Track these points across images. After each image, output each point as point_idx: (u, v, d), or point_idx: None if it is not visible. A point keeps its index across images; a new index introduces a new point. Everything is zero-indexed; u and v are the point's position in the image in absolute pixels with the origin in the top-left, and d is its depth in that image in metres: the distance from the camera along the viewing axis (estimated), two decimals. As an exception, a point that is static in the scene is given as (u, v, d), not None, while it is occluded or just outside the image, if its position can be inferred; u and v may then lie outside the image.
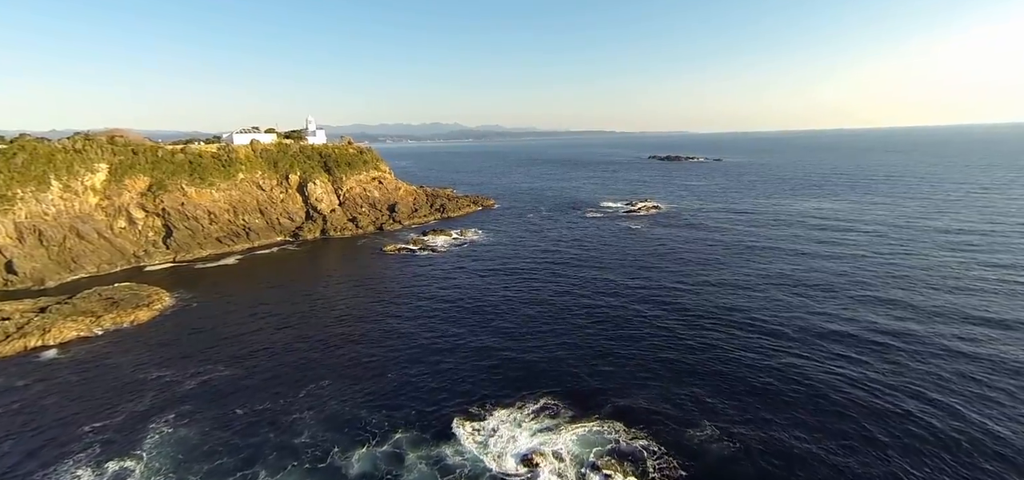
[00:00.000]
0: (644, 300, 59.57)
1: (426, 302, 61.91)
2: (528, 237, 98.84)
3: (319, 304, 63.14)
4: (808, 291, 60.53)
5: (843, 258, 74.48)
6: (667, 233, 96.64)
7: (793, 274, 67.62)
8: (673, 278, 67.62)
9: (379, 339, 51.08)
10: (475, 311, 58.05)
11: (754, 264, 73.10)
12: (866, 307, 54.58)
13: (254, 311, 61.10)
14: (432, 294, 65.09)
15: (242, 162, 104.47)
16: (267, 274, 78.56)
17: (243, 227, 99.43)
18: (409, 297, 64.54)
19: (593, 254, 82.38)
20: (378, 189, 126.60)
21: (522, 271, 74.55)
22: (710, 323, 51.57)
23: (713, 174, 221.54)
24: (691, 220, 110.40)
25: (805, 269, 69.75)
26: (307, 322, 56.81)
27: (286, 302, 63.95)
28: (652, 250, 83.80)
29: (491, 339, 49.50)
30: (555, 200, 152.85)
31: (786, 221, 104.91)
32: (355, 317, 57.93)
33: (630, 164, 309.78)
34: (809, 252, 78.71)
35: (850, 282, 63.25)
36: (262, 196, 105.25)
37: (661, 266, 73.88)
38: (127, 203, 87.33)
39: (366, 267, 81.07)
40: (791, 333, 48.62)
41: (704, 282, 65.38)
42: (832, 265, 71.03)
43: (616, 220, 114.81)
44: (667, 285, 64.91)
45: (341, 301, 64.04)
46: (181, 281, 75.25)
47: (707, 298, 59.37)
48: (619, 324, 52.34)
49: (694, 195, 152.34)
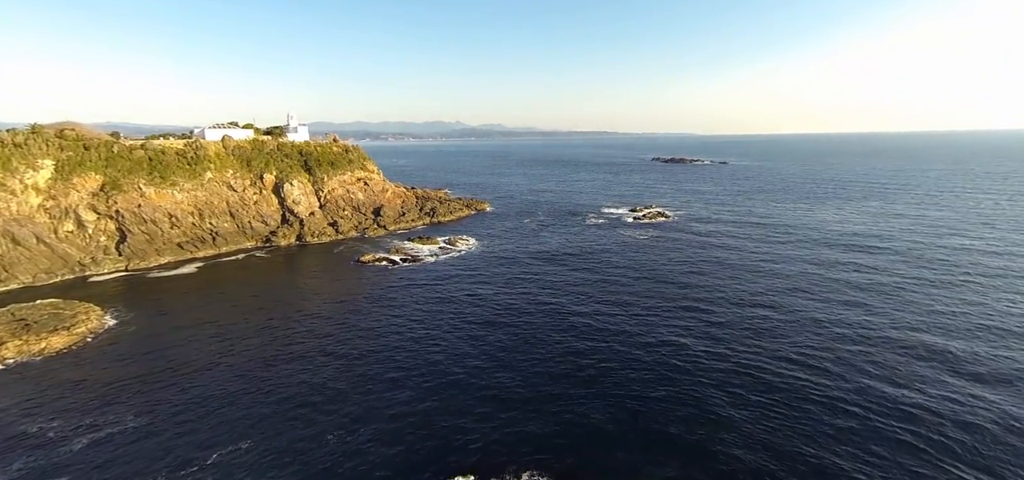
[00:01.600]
0: (657, 346, 50.31)
1: (392, 335, 52.60)
2: (522, 248, 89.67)
3: (270, 328, 54.03)
4: (865, 336, 51.27)
5: (883, 296, 65.19)
6: (678, 248, 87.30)
7: (839, 313, 58.36)
8: (692, 312, 58.15)
9: (325, 384, 41.88)
10: (449, 353, 48.67)
11: (794, 296, 63.62)
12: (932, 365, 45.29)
13: (194, 335, 52.07)
14: (401, 323, 55.82)
15: (211, 160, 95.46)
16: (225, 287, 69.54)
17: (210, 231, 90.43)
18: (373, 326, 55.30)
19: (594, 273, 73.10)
20: (363, 191, 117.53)
21: (510, 294, 65.37)
22: (754, 386, 41.77)
23: (721, 178, 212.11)
24: (703, 230, 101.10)
25: (845, 297, 60.53)
26: (249, 352, 47.72)
27: (234, 324, 54.88)
28: (662, 270, 74.51)
29: (463, 400, 40.08)
30: (554, 204, 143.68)
31: (811, 235, 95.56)
32: (306, 350, 48.72)
33: (633, 166, 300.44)
34: (843, 278, 69.43)
35: (896, 323, 54.00)
36: (233, 197, 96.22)
37: (674, 293, 64.51)
38: (75, 204, 78.35)
39: (337, 281, 71.97)
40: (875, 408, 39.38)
41: (733, 320, 55.88)
42: (875, 303, 61.71)
43: (619, 229, 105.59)
44: (684, 322, 55.55)
45: (297, 324, 54.88)
46: (126, 293, 66.39)
47: (741, 344, 49.96)
48: (627, 382, 42.63)
49: (703, 201, 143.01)
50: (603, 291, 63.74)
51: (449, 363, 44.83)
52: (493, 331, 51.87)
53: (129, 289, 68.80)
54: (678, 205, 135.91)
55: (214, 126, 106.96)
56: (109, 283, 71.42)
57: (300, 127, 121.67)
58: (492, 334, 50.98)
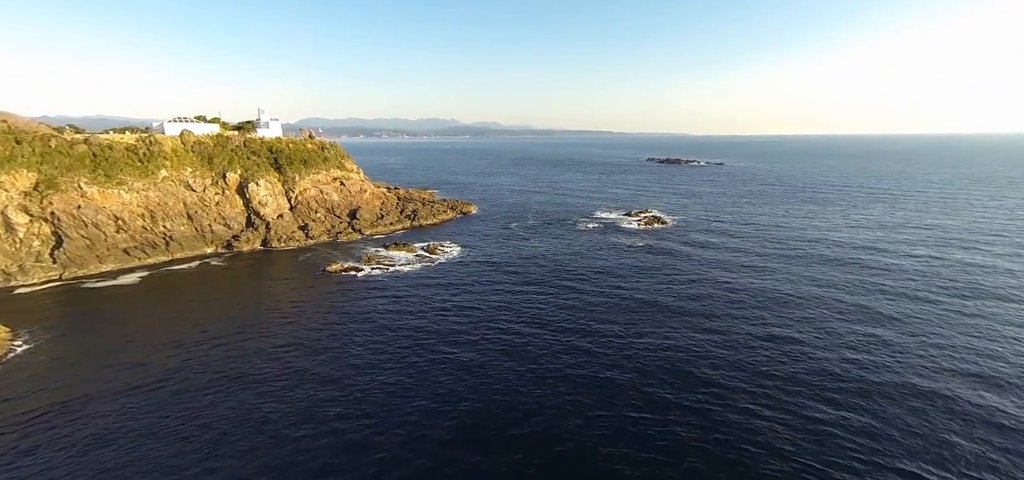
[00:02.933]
0: (656, 386, 42.98)
1: (345, 368, 45.01)
2: (505, 257, 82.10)
3: (204, 350, 46.17)
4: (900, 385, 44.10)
5: (915, 323, 58.15)
6: (675, 262, 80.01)
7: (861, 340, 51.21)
8: (696, 342, 50.96)
9: (258, 427, 34.25)
10: (383, 396, 41.24)
11: (809, 329, 56.53)
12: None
13: (109, 362, 44.22)
14: (357, 351, 48.19)
15: (168, 157, 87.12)
16: (166, 300, 61.50)
17: (163, 235, 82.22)
18: (327, 350, 47.63)
19: (581, 294, 65.67)
20: (339, 191, 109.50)
21: (480, 317, 57.81)
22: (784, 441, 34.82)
23: (718, 180, 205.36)
24: (702, 241, 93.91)
25: (867, 320, 53.45)
26: (168, 383, 39.90)
27: (161, 347, 46.97)
28: (657, 291, 67.23)
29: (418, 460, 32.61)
30: (545, 207, 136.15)
31: (819, 249, 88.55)
32: (240, 374, 41.04)
33: (628, 166, 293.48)
34: (863, 302, 62.37)
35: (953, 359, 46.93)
36: (191, 198, 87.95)
37: (671, 326, 57.28)
38: (3, 205, 69.94)
39: (293, 294, 64.08)
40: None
41: (739, 362, 48.72)
42: (908, 340, 54.63)
43: (613, 235, 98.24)
44: (687, 352, 48.31)
45: (235, 347, 47.02)
46: (51, 308, 58.30)
47: (754, 404, 42.76)
48: (622, 438, 35.58)
49: (701, 205, 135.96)
50: (588, 318, 56.18)
51: (376, 417, 37.23)
52: (445, 369, 44.26)
53: (57, 302, 60.64)
54: (675, 209, 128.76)
55: (175, 119, 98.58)
56: (37, 295, 63.25)
57: (272, 122, 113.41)
58: (445, 372, 43.35)
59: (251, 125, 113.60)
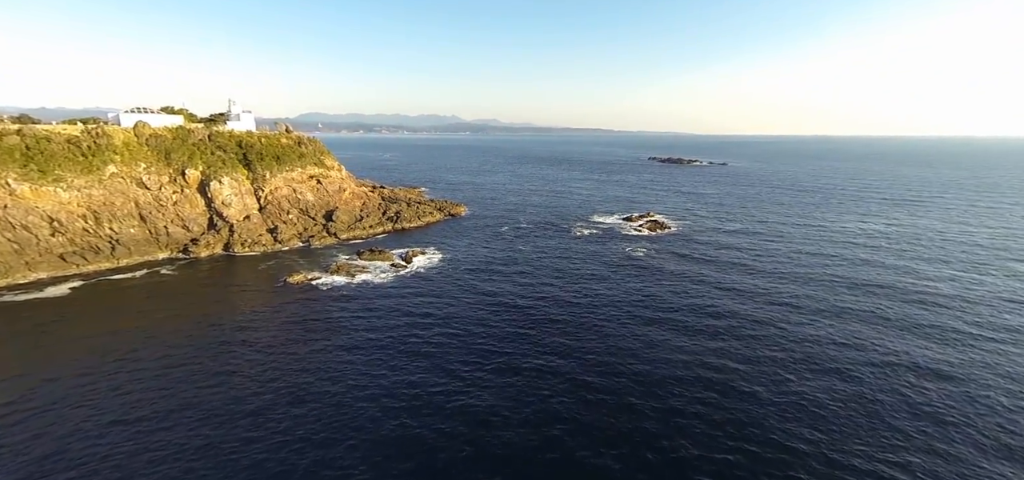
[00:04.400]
0: (664, 431, 34.47)
1: (266, 408, 36.45)
2: (490, 268, 73.49)
3: (113, 380, 37.51)
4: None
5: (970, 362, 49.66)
6: (681, 275, 71.40)
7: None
8: (702, 409, 42.48)
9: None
10: (327, 442, 32.70)
11: (843, 380, 48.03)
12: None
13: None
14: (286, 384, 39.60)
15: (118, 151, 78.35)
16: (92, 315, 52.81)
17: (109, 239, 73.49)
18: (252, 383, 39.03)
19: (570, 316, 57.10)
20: (314, 190, 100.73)
21: (450, 345, 49.24)
22: None
23: (722, 181, 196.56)
24: (710, 250, 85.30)
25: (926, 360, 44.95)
26: (44, 439, 31.29)
27: (60, 376, 38.30)
28: (660, 315, 58.66)
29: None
30: (540, 209, 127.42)
31: (843, 267, 79.98)
32: (133, 417, 32.44)
33: (629, 165, 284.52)
34: (910, 348, 53.86)
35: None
36: (145, 197, 79.20)
37: (677, 366, 48.78)
38: (-82, 204, 61.32)
39: (244, 309, 55.38)
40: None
41: (757, 420, 40.24)
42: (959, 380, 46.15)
43: (611, 242, 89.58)
44: (704, 421, 39.80)
45: (149, 377, 38.38)
46: (-50, 329, 49.58)
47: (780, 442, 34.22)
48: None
49: (706, 207, 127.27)
50: (577, 347, 47.66)
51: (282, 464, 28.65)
52: (396, 422, 35.68)
53: None
54: (679, 213, 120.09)
55: (133, 110, 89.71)
56: (-56, 309, 54.56)
57: (244, 114, 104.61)
58: (384, 416, 34.77)
59: (221, 118, 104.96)
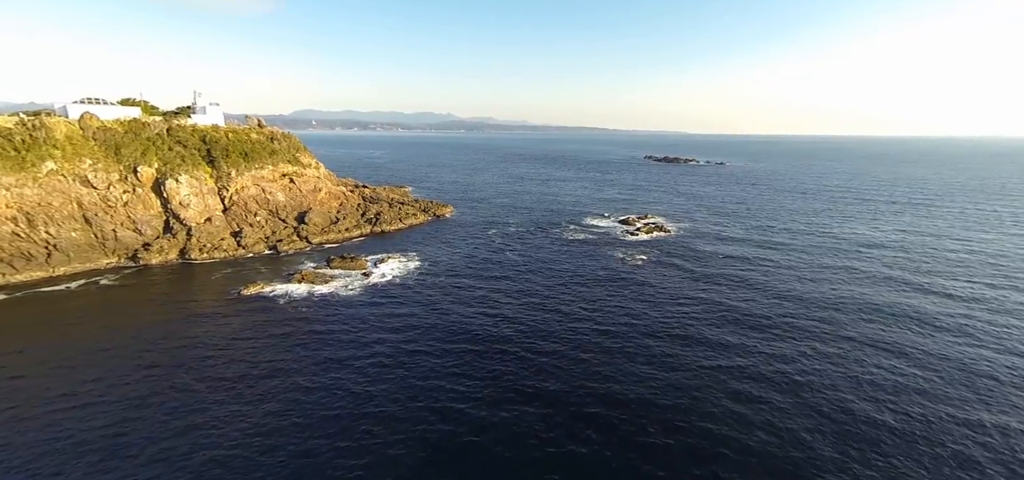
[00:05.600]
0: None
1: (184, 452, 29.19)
2: (472, 276, 66.33)
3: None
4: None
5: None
6: (684, 289, 64.56)
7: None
8: (722, 435, 35.56)
9: None
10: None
11: (873, 407, 41.30)
12: None
13: None
14: (208, 418, 32.32)
15: (58, 145, 70.48)
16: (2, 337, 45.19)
17: (45, 244, 65.69)
18: (168, 416, 31.72)
19: (566, 330, 50.11)
20: (286, 190, 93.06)
21: (414, 373, 42.08)
22: None
23: (721, 181, 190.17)
24: (713, 258, 78.52)
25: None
26: None
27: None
28: (669, 324, 51.77)
29: None
30: (532, 210, 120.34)
31: (858, 284, 73.42)
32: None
33: (625, 164, 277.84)
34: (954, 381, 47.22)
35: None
36: (90, 197, 71.37)
37: (695, 367, 41.88)
38: None
39: (183, 327, 47.87)
40: None
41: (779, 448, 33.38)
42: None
43: (606, 248, 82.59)
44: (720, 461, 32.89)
45: (42, 414, 30.97)
46: None
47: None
48: None
49: (706, 209, 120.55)
50: (565, 376, 40.63)
51: None
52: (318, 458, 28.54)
53: None
54: (678, 215, 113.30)
55: (81, 100, 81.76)
56: None
57: (211, 107, 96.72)
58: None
59: (187, 111, 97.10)
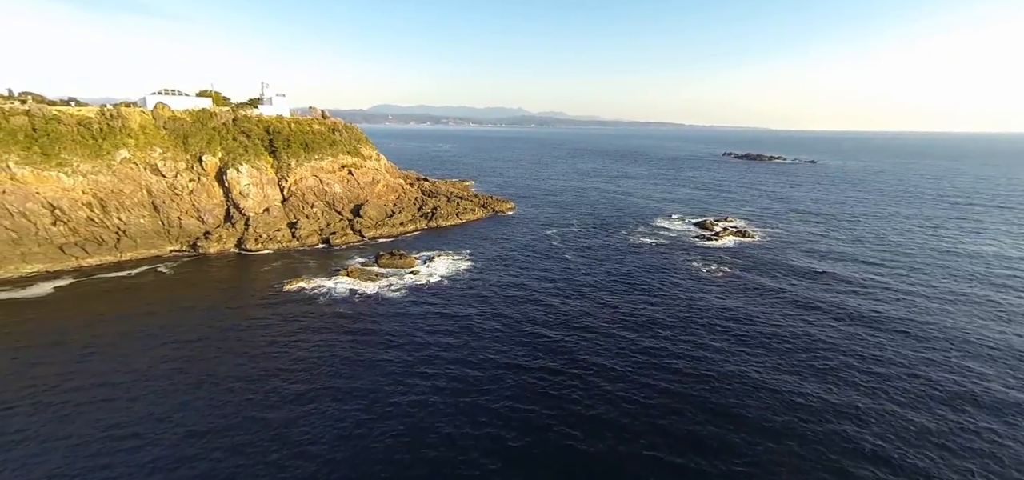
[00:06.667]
0: None
1: None
2: (528, 281, 60.17)
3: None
4: None
5: None
6: (773, 307, 54.45)
7: None
8: None
9: None
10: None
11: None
12: None
13: None
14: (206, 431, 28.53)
15: (133, 134, 72.80)
16: (54, 323, 45.35)
17: (115, 230, 67.82)
18: (178, 431, 28.37)
19: (629, 351, 42.63)
20: (344, 182, 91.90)
21: (463, 389, 36.41)
22: None
23: (814, 181, 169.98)
24: (811, 267, 66.90)
25: None
26: None
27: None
28: (762, 355, 42.79)
29: None
30: (597, 208, 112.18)
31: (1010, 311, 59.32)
32: None
33: (700, 161, 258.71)
34: None
35: None
36: (159, 185, 73.22)
37: (801, 413, 33.23)
38: (-84, 187, 57.52)
39: (218, 324, 45.83)
40: None
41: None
42: None
43: (680, 254, 73.22)
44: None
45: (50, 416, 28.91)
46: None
47: None
48: None
49: (798, 213, 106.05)
50: (629, 408, 33.28)
51: None
52: None
53: None
54: (764, 218, 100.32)
55: (159, 92, 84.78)
56: (-80, 305, 49.54)
57: (277, 98, 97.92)
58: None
59: (255, 102, 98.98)
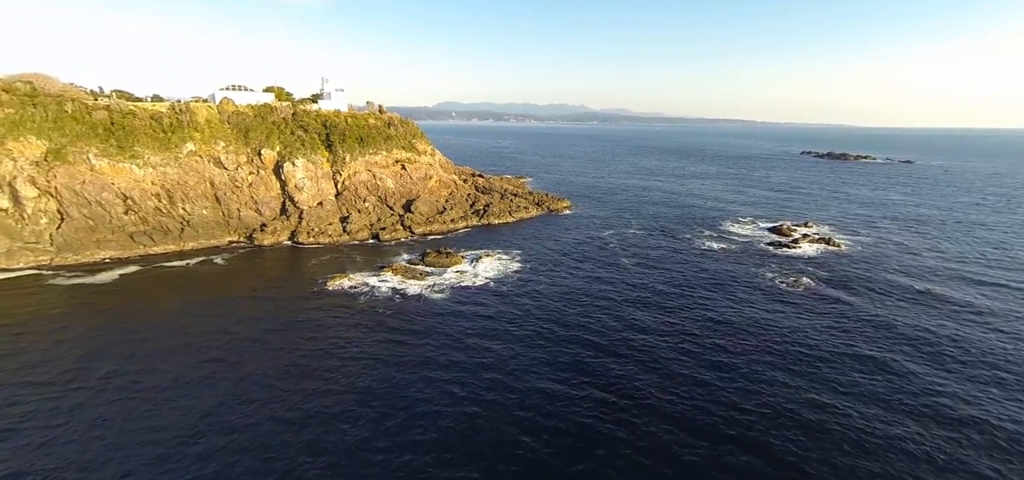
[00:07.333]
0: None
1: None
2: (579, 287, 55.71)
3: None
4: None
5: None
6: (863, 339, 46.65)
7: None
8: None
9: None
10: None
11: None
12: None
13: None
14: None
15: (199, 129, 75.56)
16: (106, 312, 46.75)
17: (180, 220, 70.55)
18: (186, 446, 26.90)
19: (694, 379, 37.29)
20: (397, 177, 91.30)
21: (501, 410, 32.80)
22: None
23: (911, 184, 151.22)
24: (912, 293, 57.55)
25: None
26: None
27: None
28: (857, 414, 36.20)
29: None
30: (659, 208, 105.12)
31: None
32: None
33: (775, 160, 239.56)
34: None
35: None
36: (221, 178, 75.57)
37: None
38: (10, 175, 62.09)
39: (250, 323, 45.26)
40: None
41: None
42: None
43: (752, 263, 65.71)
44: None
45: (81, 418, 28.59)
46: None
47: None
48: None
49: (896, 221, 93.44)
50: (695, 446, 28.20)
51: None
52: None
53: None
54: (853, 224, 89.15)
55: (227, 87, 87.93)
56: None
57: (335, 93, 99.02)
58: None
59: (316, 97, 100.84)
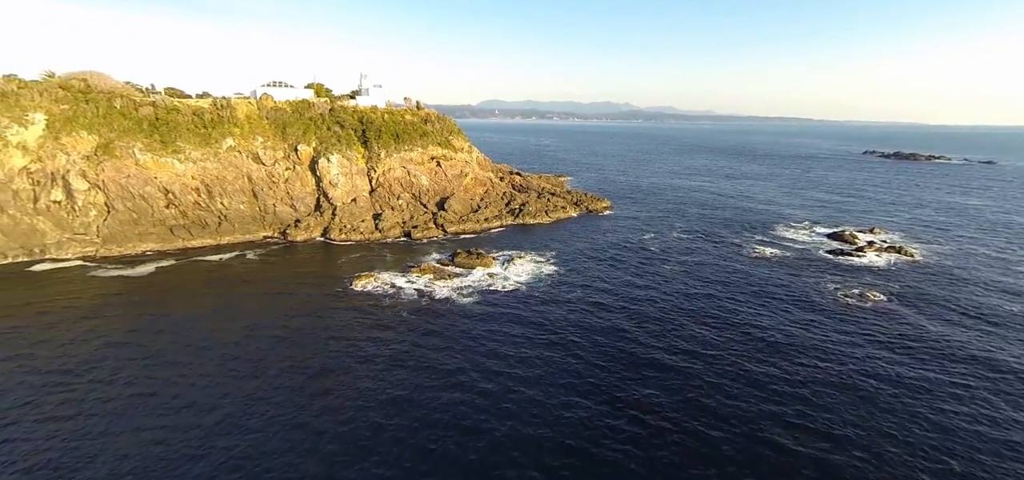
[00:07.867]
0: None
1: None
2: (614, 294, 51.85)
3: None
4: None
5: None
6: (948, 371, 40.67)
7: None
8: None
9: None
10: None
11: None
12: None
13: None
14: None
15: (238, 124, 76.64)
16: (130, 303, 47.17)
17: (218, 215, 71.60)
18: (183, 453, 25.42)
19: (743, 407, 33.03)
20: (432, 174, 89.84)
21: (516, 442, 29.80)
22: None
23: (995, 188, 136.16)
24: (1005, 312, 50.25)
25: None
26: None
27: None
28: (937, 419, 30.98)
29: None
30: (705, 211, 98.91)
31: None
32: None
33: (835, 160, 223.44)
34: None
35: None
36: (259, 172, 76.33)
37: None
38: (63, 168, 64.67)
39: (268, 326, 44.26)
40: None
41: None
42: None
43: (811, 274, 59.52)
44: None
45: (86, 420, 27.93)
46: (27, 300, 48.16)
47: None
48: None
49: (980, 229, 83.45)
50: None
51: None
52: None
53: (8, 289, 50.82)
54: (927, 232, 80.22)
55: (268, 84, 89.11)
56: (36, 275, 55.05)
57: (373, 89, 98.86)
58: None
59: (354, 94, 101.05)
